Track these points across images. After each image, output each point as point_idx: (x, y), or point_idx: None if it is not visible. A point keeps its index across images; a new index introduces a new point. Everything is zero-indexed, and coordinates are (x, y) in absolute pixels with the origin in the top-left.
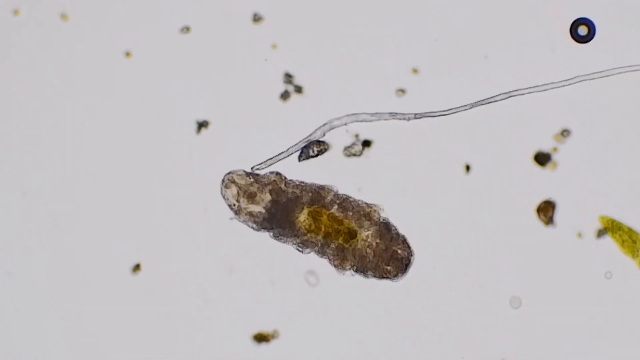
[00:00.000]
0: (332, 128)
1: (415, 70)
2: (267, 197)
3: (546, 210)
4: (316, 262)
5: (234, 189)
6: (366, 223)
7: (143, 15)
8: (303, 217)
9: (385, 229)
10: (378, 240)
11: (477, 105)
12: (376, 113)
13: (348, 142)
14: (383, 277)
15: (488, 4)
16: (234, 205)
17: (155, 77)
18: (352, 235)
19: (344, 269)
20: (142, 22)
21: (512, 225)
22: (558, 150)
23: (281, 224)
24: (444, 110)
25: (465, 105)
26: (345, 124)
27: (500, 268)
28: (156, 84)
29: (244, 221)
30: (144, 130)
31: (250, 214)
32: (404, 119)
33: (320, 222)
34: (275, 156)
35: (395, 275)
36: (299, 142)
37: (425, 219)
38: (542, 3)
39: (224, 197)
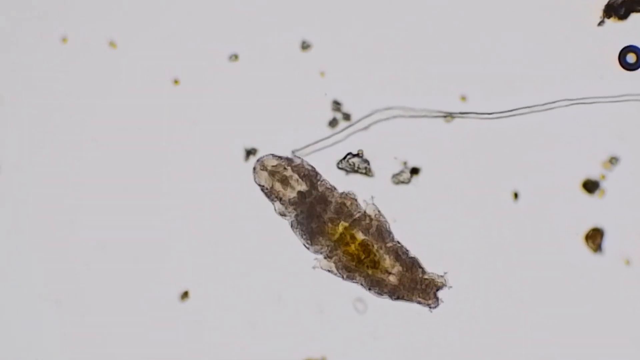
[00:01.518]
0: (377, 121)
1: (463, 98)
2: (302, 186)
3: (594, 237)
4: (364, 290)
5: (264, 174)
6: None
7: (191, 43)
8: (335, 229)
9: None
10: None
11: (517, 114)
12: (423, 109)
13: (396, 170)
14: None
15: (535, 32)
16: (267, 188)
17: (204, 105)
18: (375, 264)
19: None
20: (190, 50)
21: (561, 253)
22: (606, 177)
23: (309, 218)
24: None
25: (506, 111)
26: (388, 118)
27: (548, 295)
28: (204, 111)
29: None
30: (192, 158)
31: (281, 199)
32: (444, 115)
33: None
34: (316, 142)
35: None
36: (342, 129)
37: (473, 246)
38: (589, 31)
39: (257, 184)
